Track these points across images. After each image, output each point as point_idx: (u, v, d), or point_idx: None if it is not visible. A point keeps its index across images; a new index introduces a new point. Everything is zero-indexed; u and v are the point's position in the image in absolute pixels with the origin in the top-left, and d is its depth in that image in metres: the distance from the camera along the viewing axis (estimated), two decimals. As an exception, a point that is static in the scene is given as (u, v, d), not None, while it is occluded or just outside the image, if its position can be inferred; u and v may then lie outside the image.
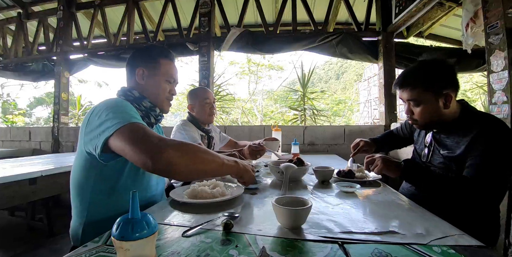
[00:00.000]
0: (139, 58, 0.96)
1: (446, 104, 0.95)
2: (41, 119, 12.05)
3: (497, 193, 0.96)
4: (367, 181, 1.15)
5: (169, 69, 0.97)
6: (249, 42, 2.75)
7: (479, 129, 0.90)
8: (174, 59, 1.01)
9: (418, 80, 0.97)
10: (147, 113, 0.93)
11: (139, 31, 3.46)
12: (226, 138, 1.89)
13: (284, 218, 0.64)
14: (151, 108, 0.94)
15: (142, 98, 0.92)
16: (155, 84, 0.94)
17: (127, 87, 0.95)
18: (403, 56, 2.69)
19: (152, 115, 0.94)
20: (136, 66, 0.94)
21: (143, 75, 0.93)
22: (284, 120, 6.19)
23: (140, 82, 0.93)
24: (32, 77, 3.62)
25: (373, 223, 0.68)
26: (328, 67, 44.07)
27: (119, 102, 0.80)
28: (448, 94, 0.94)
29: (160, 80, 0.95)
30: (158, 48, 0.98)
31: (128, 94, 0.92)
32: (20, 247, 2.02)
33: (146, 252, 0.42)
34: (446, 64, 0.98)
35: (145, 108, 0.92)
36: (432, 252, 0.52)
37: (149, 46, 0.99)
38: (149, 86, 0.94)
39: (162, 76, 0.95)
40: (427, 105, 0.96)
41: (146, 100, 0.92)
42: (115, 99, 0.82)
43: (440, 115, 0.97)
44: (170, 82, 0.98)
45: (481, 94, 3.90)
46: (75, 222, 0.83)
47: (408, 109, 1.02)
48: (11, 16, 3.62)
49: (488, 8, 1.50)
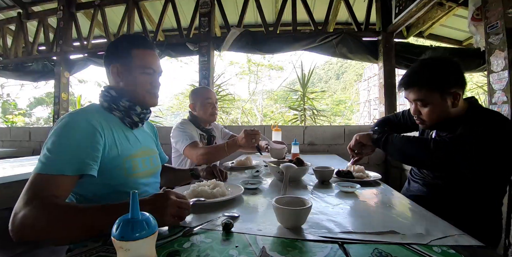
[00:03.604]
0: (111, 53, 0.88)
1: (454, 102, 0.93)
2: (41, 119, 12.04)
3: (490, 190, 0.95)
4: (367, 181, 1.15)
5: (144, 59, 0.87)
6: (249, 42, 2.75)
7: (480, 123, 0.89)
8: (151, 46, 0.90)
9: (425, 80, 0.94)
10: (127, 113, 0.87)
11: (139, 31, 3.45)
12: (228, 134, 1.88)
13: (284, 218, 0.64)
14: (131, 107, 0.87)
15: (119, 97, 0.86)
16: (132, 79, 0.86)
17: (106, 87, 0.88)
18: (403, 56, 2.70)
19: (133, 113, 0.87)
20: (110, 63, 0.87)
21: (118, 72, 0.86)
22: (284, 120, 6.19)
23: (116, 79, 0.87)
24: (32, 77, 3.62)
25: (373, 223, 0.68)
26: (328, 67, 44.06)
27: (73, 124, 0.72)
28: (455, 93, 0.92)
29: (136, 74, 0.86)
30: (129, 37, 0.89)
31: (105, 94, 0.86)
32: (20, 247, 2.02)
33: (146, 252, 0.42)
34: (452, 62, 0.96)
35: (124, 108, 0.86)
36: (432, 252, 0.52)
37: (119, 38, 0.90)
38: (126, 82, 0.86)
39: (137, 69, 0.86)
40: (435, 105, 0.94)
41: (124, 99, 0.86)
42: (73, 117, 0.74)
43: (448, 115, 0.95)
44: (149, 73, 0.88)
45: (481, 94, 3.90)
46: None
47: (415, 109, 1.00)
48: (11, 16, 3.62)
49: (488, 8, 1.50)
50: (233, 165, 1.59)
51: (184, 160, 1.58)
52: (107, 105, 0.85)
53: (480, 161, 0.87)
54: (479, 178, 0.93)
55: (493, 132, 0.86)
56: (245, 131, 1.30)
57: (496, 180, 0.94)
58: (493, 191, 0.95)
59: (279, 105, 8.35)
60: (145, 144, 0.94)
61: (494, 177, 0.93)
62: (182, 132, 1.48)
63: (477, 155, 0.85)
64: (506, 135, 0.86)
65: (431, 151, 0.87)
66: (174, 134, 1.51)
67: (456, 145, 0.86)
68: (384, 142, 1.03)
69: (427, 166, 1.01)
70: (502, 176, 0.94)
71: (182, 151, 1.45)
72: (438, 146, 0.87)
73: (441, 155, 0.87)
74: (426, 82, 0.94)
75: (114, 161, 0.78)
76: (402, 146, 0.97)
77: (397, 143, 0.99)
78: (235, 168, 1.55)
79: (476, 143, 0.85)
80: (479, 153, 0.85)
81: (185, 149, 1.42)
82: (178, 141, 1.47)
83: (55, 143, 0.69)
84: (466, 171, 0.93)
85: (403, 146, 0.97)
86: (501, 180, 0.95)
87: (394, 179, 2.41)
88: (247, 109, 8.03)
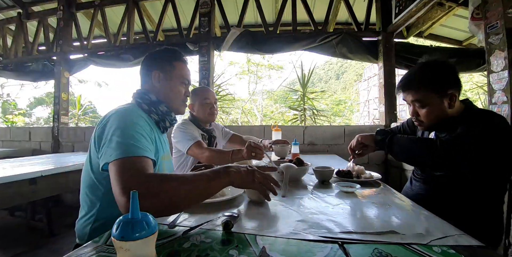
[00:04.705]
0: (154, 61, 0.97)
1: (451, 104, 0.96)
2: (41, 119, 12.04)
3: (491, 189, 0.96)
4: (367, 181, 1.15)
5: (183, 72, 0.99)
6: (249, 42, 2.75)
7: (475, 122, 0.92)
8: (186, 61, 1.02)
9: (422, 82, 0.97)
10: (163, 118, 0.94)
11: (139, 31, 3.45)
12: (228, 133, 1.87)
13: (251, 192, 0.83)
14: (167, 112, 0.95)
15: (159, 102, 0.94)
16: (171, 87, 0.96)
17: (143, 90, 0.96)
18: (403, 56, 2.69)
19: (167, 119, 0.96)
20: (152, 69, 0.95)
21: (159, 78, 0.95)
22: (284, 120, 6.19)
23: (156, 84, 0.95)
24: (32, 77, 3.62)
25: (373, 223, 0.68)
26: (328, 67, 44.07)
27: (132, 118, 0.79)
28: (452, 94, 0.95)
29: (176, 83, 0.97)
30: (172, 50, 0.99)
31: (145, 97, 0.93)
32: (20, 247, 2.02)
33: (146, 252, 0.42)
34: (448, 64, 0.99)
35: (162, 113, 0.94)
36: (432, 252, 0.52)
37: (163, 49, 1.00)
38: (165, 89, 0.95)
39: (177, 79, 0.97)
40: (433, 106, 0.97)
41: (163, 105, 0.94)
42: (129, 112, 0.81)
43: (445, 116, 0.97)
44: (185, 84, 1.00)
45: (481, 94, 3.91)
46: (84, 220, 0.83)
47: (414, 111, 1.03)
48: (11, 16, 3.62)
49: (488, 8, 1.50)
50: (233, 165, 1.59)
51: (185, 160, 1.57)
52: (147, 108, 0.91)
53: (480, 161, 0.88)
54: (480, 177, 0.94)
55: (491, 131, 0.88)
56: (249, 142, 1.24)
57: (496, 179, 0.95)
58: (493, 190, 0.96)
59: (279, 105, 8.35)
60: (166, 148, 1.01)
61: (494, 175, 0.94)
62: (184, 132, 1.48)
63: (477, 154, 0.86)
64: (504, 134, 0.88)
65: (438, 151, 0.88)
66: (176, 134, 1.51)
67: (455, 145, 0.87)
68: (388, 143, 1.03)
69: (433, 166, 1.01)
70: (502, 175, 0.95)
71: (186, 151, 1.44)
72: (444, 146, 0.88)
73: (447, 155, 0.88)
74: (423, 83, 0.97)
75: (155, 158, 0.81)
76: (407, 147, 0.98)
77: (402, 143, 0.99)
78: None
79: (475, 142, 0.86)
80: (479, 152, 0.86)
81: (189, 149, 1.42)
82: (180, 141, 1.46)
83: (125, 132, 0.73)
84: (467, 171, 0.93)
85: (408, 147, 0.98)
86: (501, 178, 0.95)
87: (394, 179, 2.41)
88: (247, 109, 8.03)
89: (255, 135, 2.18)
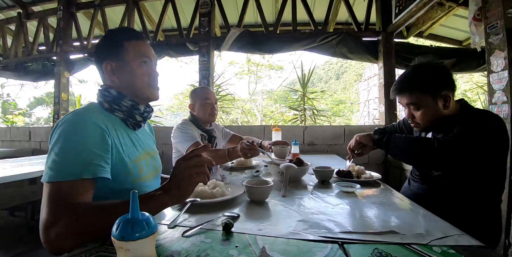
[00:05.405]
0: (101, 51, 0.82)
1: (445, 105, 0.97)
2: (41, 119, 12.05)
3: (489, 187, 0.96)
4: (367, 181, 1.15)
5: (139, 50, 0.82)
6: (249, 42, 2.75)
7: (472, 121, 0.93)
8: (141, 36, 0.85)
9: (415, 85, 0.98)
10: (130, 114, 0.82)
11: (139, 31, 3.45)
12: (229, 134, 1.87)
13: (251, 193, 0.88)
14: (134, 106, 0.82)
15: (121, 97, 0.80)
16: (130, 74, 0.80)
17: (104, 86, 0.82)
18: (403, 56, 2.70)
19: (136, 114, 0.83)
20: (101, 61, 0.81)
21: (112, 69, 0.80)
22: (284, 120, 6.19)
23: (112, 78, 0.81)
24: (32, 77, 3.62)
25: (373, 223, 0.68)
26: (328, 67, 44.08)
27: (79, 127, 0.67)
28: (446, 95, 0.96)
29: (134, 67, 0.80)
30: (117, 31, 0.84)
31: (105, 94, 0.80)
32: (20, 247, 2.02)
33: (146, 252, 0.42)
34: (440, 66, 1.00)
35: (127, 108, 0.81)
36: (432, 252, 0.52)
37: (106, 34, 0.84)
38: (124, 79, 0.81)
39: (133, 61, 0.80)
40: (427, 108, 0.98)
41: (127, 99, 0.81)
42: (77, 118, 0.69)
43: (440, 116, 0.98)
44: (146, 63, 0.83)
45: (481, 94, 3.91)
46: None
47: (409, 113, 1.04)
48: (11, 16, 3.62)
49: (488, 8, 1.50)
50: (233, 165, 1.59)
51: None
52: (108, 106, 0.80)
53: (476, 161, 0.89)
54: (476, 177, 0.94)
55: (487, 131, 0.89)
56: (241, 143, 1.22)
57: (492, 178, 0.95)
58: (490, 189, 0.96)
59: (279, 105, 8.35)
60: (147, 145, 0.91)
61: (491, 175, 0.95)
62: (184, 132, 1.48)
63: (473, 154, 0.87)
64: (499, 134, 0.89)
65: (435, 150, 0.89)
66: (175, 134, 1.51)
67: (452, 145, 0.88)
68: (386, 142, 1.03)
69: (430, 165, 1.02)
70: (498, 174, 0.96)
71: (185, 151, 1.44)
72: (442, 145, 0.88)
73: (445, 154, 0.89)
74: (417, 86, 0.98)
75: (122, 166, 0.75)
76: (405, 146, 0.98)
77: (399, 143, 1.00)
78: (235, 168, 1.55)
79: (471, 143, 0.87)
80: (475, 152, 0.87)
81: (188, 149, 1.42)
82: (180, 141, 1.46)
83: (63, 148, 0.64)
84: (463, 171, 0.94)
85: (406, 146, 0.98)
86: (497, 177, 0.96)
87: (394, 179, 2.41)
88: (247, 109, 8.03)
89: (255, 135, 2.19)
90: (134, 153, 0.81)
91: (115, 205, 0.59)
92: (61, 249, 0.56)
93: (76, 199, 0.60)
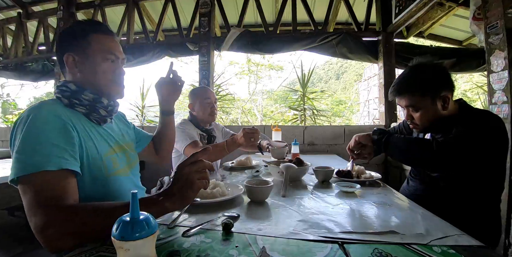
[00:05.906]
0: (64, 41, 0.78)
1: (444, 106, 0.96)
2: (41, 119, 12.01)
3: (488, 187, 0.96)
4: (367, 181, 1.15)
5: (105, 45, 0.77)
6: (249, 42, 2.75)
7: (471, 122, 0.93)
8: (110, 31, 0.81)
9: (414, 86, 0.98)
10: (93, 108, 0.77)
11: (139, 31, 3.45)
12: (228, 134, 1.88)
13: (251, 193, 0.87)
14: (96, 99, 0.77)
15: (81, 90, 0.75)
16: (92, 68, 0.76)
17: (62, 81, 0.77)
18: (403, 56, 2.70)
19: (100, 107, 0.78)
20: (63, 51, 0.76)
21: (74, 62, 0.76)
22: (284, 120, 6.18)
23: (73, 71, 0.76)
24: (32, 77, 3.62)
25: (373, 223, 0.68)
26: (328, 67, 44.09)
27: (37, 125, 0.63)
28: (445, 96, 0.95)
29: (97, 61, 0.76)
30: (84, 22, 0.80)
31: (63, 90, 0.75)
32: (20, 247, 2.02)
33: (146, 252, 0.42)
34: (438, 67, 1.00)
35: (88, 102, 0.76)
36: (432, 252, 0.52)
37: (72, 24, 0.80)
38: (86, 72, 0.76)
39: (97, 56, 0.76)
40: (426, 109, 0.97)
41: (87, 92, 0.75)
42: (34, 117, 0.64)
43: (439, 117, 0.98)
44: (111, 60, 0.79)
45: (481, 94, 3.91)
46: None
47: (408, 114, 1.03)
48: (11, 16, 3.62)
49: (488, 8, 1.50)
50: (233, 165, 1.59)
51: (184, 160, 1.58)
52: (68, 102, 0.74)
53: (475, 161, 0.89)
54: (475, 177, 0.94)
55: (486, 132, 0.89)
56: (244, 129, 1.31)
57: (491, 179, 0.95)
58: (489, 190, 0.96)
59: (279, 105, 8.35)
60: (119, 138, 0.87)
61: (490, 175, 0.95)
62: (182, 132, 1.48)
63: (472, 155, 0.87)
64: (498, 134, 0.89)
65: (434, 152, 0.88)
66: None
67: (451, 146, 0.88)
68: (385, 142, 1.03)
69: (429, 167, 1.01)
70: (497, 174, 0.96)
71: (183, 151, 1.45)
72: (441, 147, 0.88)
73: (444, 155, 0.88)
74: (416, 88, 0.97)
75: (94, 161, 0.72)
76: (404, 147, 0.98)
77: (398, 143, 1.00)
78: (235, 168, 1.55)
79: (470, 143, 0.87)
80: (474, 153, 0.87)
81: (185, 149, 1.42)
82: (178, 141, 1.46)
83: (24, 143, 0.61)
84: (462, 172, 0.94)
85: (405, 147, 0.98)
86: (496, 178, 0.96)
87: (394, 179, 2.41)
88: (247, 109, 8.02)
89: (255, 135, 2.18)
90: (105, 147, 0.78)
91: (111, 206, 0.59)
92: (60, 248, 0.56)
93: (62, 197, 0.59)
